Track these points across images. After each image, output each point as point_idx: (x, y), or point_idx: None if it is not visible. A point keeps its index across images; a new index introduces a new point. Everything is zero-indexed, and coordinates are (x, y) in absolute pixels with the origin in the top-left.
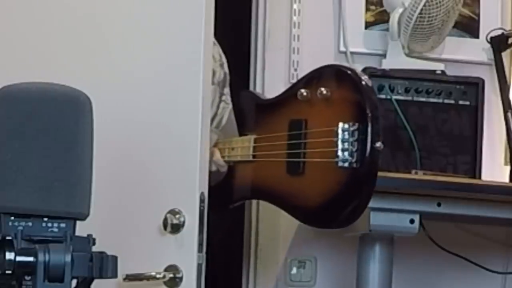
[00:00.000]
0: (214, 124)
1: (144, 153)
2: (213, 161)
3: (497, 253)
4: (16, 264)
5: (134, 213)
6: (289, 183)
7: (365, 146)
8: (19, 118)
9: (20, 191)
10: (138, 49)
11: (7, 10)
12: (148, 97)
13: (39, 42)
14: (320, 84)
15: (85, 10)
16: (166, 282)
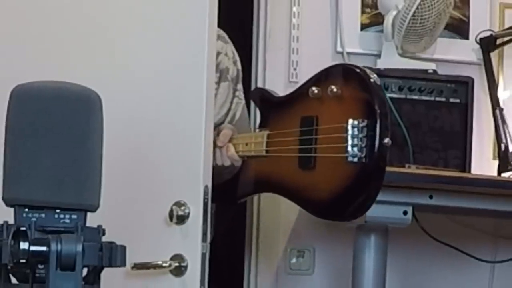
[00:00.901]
0: (228, 119)
1: (151, 148)
2: (228, 156)
3: (486, 243)
4: (30, 253)
5: (141, 205)
6: (300, 177)
7: (374, 142)
8: (32, 116)
9: (34, 184)
10: (145, 50)
11: (22, 14)
12: (154, 95)
13: (52, 43)
14: (331, 82)
15: (95, 14)
16: (172, 270)
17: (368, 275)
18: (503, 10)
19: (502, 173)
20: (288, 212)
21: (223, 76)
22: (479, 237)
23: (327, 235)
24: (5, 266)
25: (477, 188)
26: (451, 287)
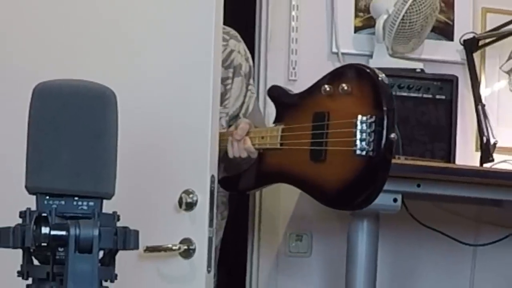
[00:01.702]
0: (243, 111)
1: (162, 141)
2: (245, 148)
3: (469, 228)
4: (51, 238)
5: (153, 193)
6: (312, 169)
7: (381, 137)
8: (53, 111)
9: (54, 174)
10: (157, 51)
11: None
12: (165, 92)
13: (71, 44)
14: (342, 81)
15: (111, 19)
16: (181, 253)
17: (361, 257)
18: (485, 14)
19: (484, 163)
20: (287, 200)
21: (237, 72)
22: (463, 223)
23: (324, 220)
24: (28, 249)
25: (461, 177)
26: (437, 268)
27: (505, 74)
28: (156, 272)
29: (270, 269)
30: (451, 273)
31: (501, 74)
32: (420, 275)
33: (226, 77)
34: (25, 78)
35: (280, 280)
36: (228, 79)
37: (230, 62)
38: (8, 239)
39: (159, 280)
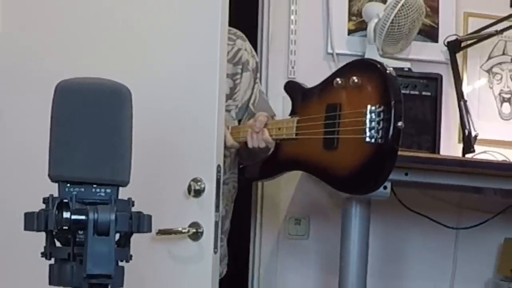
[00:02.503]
0: (251, 101)
1: (172, 133)
2: (263, 139)
3: (452, 212)
4: (71, 222)
5: (164, 181)
6: (325, 157)
7: (389, 125)
8: (73, 107)
9: (75, 164)
10: (168, 51)
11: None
12: (175, 88)
13: (90, 45)
14: (353, 74)
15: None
16: (190, 235)
17: (354, 240)
18: (467, 18)
19: (466, 154)
20: (287, 187)
21: (245, 67)
22: (446, 208)
23: (320, 206)
24: (50, 232)
25: (445, 167)
26: (423, 249)
27: (485, 72)
28: (167, 253)
29: (271, 250)
30: (435, 254)
31: (482, 72)
32: (407, 255)
33: (235, 73)
34: (48, 76)
35: (280, 260)
36: (237, 75)
37: (238, 59)
38: (33, 223)
39: (170, 261)
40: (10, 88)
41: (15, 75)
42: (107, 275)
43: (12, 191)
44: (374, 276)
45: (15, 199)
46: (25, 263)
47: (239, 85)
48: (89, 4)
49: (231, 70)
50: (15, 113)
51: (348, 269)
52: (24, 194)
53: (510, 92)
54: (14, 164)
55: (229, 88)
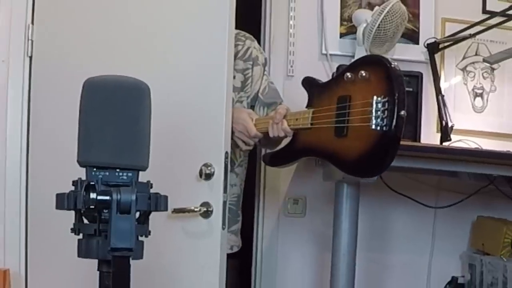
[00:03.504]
0: (261, 91)
1: (186, 124)
2: (282, 129)
3: (431, 193)
4: (97, 201)
5: (179, 166)
6: (336, 143)
7: (393, 114)
8: (99, 101)
9: (101, 151)
10: (182, 52)
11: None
12: (189, 84)
13: (114, 47)
14: (361, 68)
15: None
16: (201, 214)
17: (345, 218)
18: (444, 23)
19: (443, 142)
20: (286, 171)
21: (255, 62)
22: (426, 189)
23: (315, 188)
24: (79, 211)
25: (425, 153)
26: (405, 226)
27: (460, 71)
28: (181, 229)
29: (272, 227)
30: (416, 230)
31: (457, 71)
32: (391, 231)
33: (245, 68)
34: (77, 74)
35: (281, 236)
36: (248, 70)
37: (248, 56)
38: (64, 202)
39: (183, 236)
40: (44, 88)
41: (47, 75)
42: (129, 248)
43: (47, 175)
44: (363, 250)
45: (49, 182)
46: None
47: (250, 78)
48: (113, 13)
49: (242, 66)
50: (49, 108)
51: (340, 243)
52: (57, 178)
53: (482, 88)
54: (49, 152)
55: (240, 82)
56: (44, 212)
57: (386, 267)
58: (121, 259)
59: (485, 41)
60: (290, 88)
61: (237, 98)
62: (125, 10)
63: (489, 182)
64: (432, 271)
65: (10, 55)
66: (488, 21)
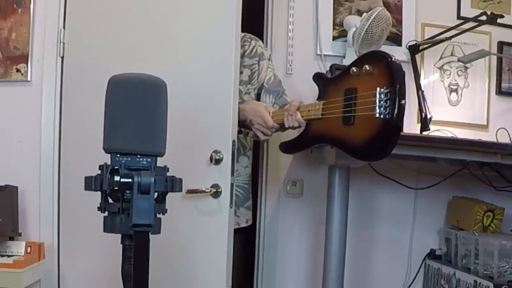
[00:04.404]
0: (265, 81)
1: (198, 115)
2: (296, 120)
3: (412, 176)
4: (120, 183)
5: (192, 152)
6: (344, 131)
7: (395, 103)
8: (122, 95)
9: (124, 139)
10: (195, 53)
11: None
12: (200, 81)
13: (135, 49)
14: (365, 63)
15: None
16: (212, 194)
17: (337, 198)
18: (423, 27)
19: (423, 132)
20: (286, 156)
21: (261, 57)
22: (408, 173)
23: (311, 171)
24: (105, 191)
25: (407, 141)
26: (389, 205)
27: (438, 69)
28: (194, 208)
29: (273, 206)
30: (399, 209)
31: (435, 69)
32: (378, 210)
33: (252, 63)
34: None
35: (281, 213)
36: (254, 65)
37: (254, 53)
38: (91, 184)
39: (196, 214)
40: (74, 84)
41: (76, 73)
42: (148, 224)
43: (77, 161)
44: (352, 225)
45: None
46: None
47: (256, 72)
48: (135, 18)
49: (248, 62)
50: (79, 102)
51: (333, 219)
52: (85, 163)
53: (457, 84)
54: (78, 140)
55: (248, 76)
56: (74, 193)
57: (373, 241)
58: (141, 233)
59: (460, 43)
60: (289, 84)
61: (245, 90)
62: (146, 16)
63: (463, 166)
64: (413, 244)
65: (44, 55)
66: (462, 26)
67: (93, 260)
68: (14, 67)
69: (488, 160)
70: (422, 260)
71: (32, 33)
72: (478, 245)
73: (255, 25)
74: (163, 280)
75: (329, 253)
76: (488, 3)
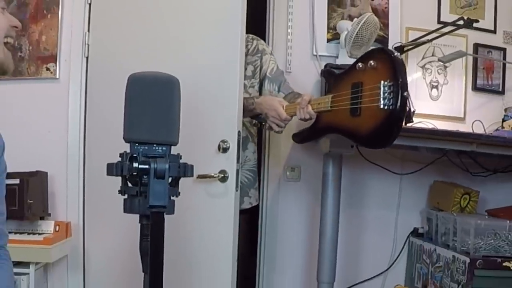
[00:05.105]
0: (268, 72)
1: (208, 109)
2: (307, 112)
3: (397, 163)
4: (139, 169)
5: (202, 142)
6: (351, 122)
7: (397, 95)
8: (140, 91)
9: (142, 130)
10: (205, 53)
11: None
12: (209, 78)
13: (151, 50)
14: (370, 59)
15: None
16: (219, 179)
17: (331, 182)
18: (407, 31)
19: (407, 123)
20: (285, 146)
21: (263, 53)
22: (394, 160)
23: (308, 158)
24: (124, 176)
25: None
26: (377, 188)
27: (420, 68)
28: (204, 191)
29: (274, 189)
30: (386, 191)
31: (418, 68)
32: (367, 192)
33: (255, 60)
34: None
35: (281, 195)
36: (256, 61)
37: (256, 51)
38: (113, 170)
39: (205, 196)
40: (97, 81)
41: (99, 71)
42: (163, 206)
43: (100, 149)
44: (345, 206)
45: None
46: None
47: (258, 67)
48: (151, 23)
49: (251, 59)
50: (101, 97)
51: (327, 201)
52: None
53: (437, 81)
54: (101, 131)
55: (251, 71)
56: (97, 178)
57: (363, 220)
58: (157, 214)
59: (440, 45)
60: (289, 81)
61: (250, 84)
62: (161, 21)
63: (442, 154)
64: (398, 224)
65: (71, 56)
66: (442, 29)
67: (114, 237)
68: (44, 66)
69: (465, 148)
70: (406, 238)
71: (60, 36)
72: (456, 224)
73: (259, 28)
74: (176, 255)
75: (324, 230)
76: (465, 9)
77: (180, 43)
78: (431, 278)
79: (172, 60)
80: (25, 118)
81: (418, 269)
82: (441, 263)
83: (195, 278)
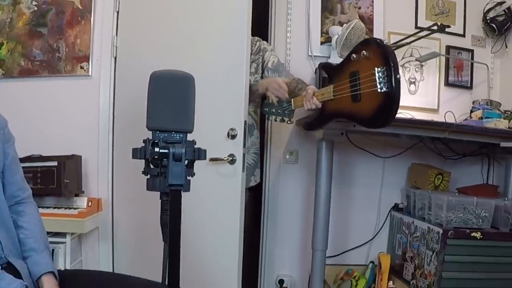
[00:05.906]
0: (269, 65)
1: (219, 101)
2: (313, 103)
3: (381, 148)
4: (159, 153)
5: (213, 129)
6: (353, 107)
7: (391, 78)
8: (161, 87)
9: (162, 120)
10: (215, 53)
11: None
12: (220, 75)
13: (171, 52)
14: (362, 49)
15: (189, 36)
16: (229, 161)
17: (324, 165)
18: (389, 35)
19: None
20: (285, 131)
21: (264, 51)
22: (378, 145)
23: (304, 143)
24: (147, 159)
25: None
26: (363, 170)
27: (400, 66)
28: (215, 172)
29: (275, 170)
30: (371, 173)
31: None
32: (354, 173)
33: (257, 58)
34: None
35: (281, 176)
36: (259, 59)
37: (259, 50)
38: (137, 154)
39: (217, 176)
40: (124, 79)
41: (126, 70)
42: (181, 184)
43: (126, 136)
44: (336, 185)
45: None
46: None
47: (260, 64)
48: (170, 28)
49: (254, 58)
50: (128, 92)
51: (321, 181)
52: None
53: (415, 78)
54: (127, 121)
55: (254, 68)
56: (124, 160)
57: (351, 197)
58: (175, 191)
59: (417, 47)
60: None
61: (253, 79)
62: (178, 26)
63: (419, 140)
64: (381, 200)
65: (101, 56)
66: (419, 33)
67: (138, 211)
68: (79, 65)
69: (439, 135)
70: (388, 212)
71: (92, 39)
72: (431, 200)
73: (262, 31)
74: (192, 226)
75: (318, 206)
76: (439, 16)
77: (195, 45)
78: (410, 247)
79: (188, 59)
80: (63, 110)
81: (398, 238)
82: (418, 234)
83: (207, 246)
